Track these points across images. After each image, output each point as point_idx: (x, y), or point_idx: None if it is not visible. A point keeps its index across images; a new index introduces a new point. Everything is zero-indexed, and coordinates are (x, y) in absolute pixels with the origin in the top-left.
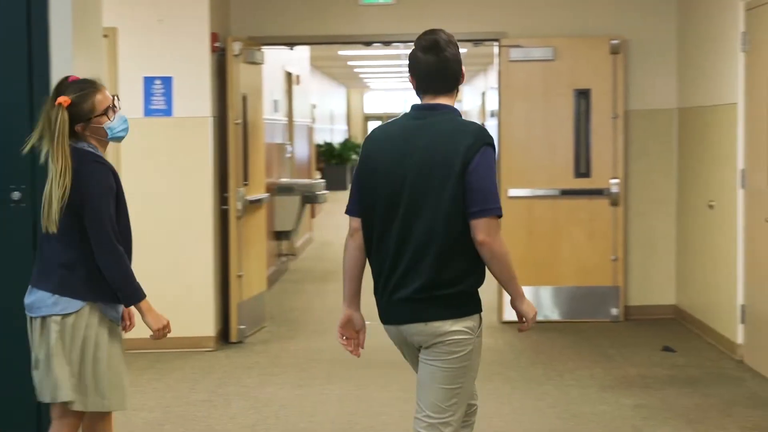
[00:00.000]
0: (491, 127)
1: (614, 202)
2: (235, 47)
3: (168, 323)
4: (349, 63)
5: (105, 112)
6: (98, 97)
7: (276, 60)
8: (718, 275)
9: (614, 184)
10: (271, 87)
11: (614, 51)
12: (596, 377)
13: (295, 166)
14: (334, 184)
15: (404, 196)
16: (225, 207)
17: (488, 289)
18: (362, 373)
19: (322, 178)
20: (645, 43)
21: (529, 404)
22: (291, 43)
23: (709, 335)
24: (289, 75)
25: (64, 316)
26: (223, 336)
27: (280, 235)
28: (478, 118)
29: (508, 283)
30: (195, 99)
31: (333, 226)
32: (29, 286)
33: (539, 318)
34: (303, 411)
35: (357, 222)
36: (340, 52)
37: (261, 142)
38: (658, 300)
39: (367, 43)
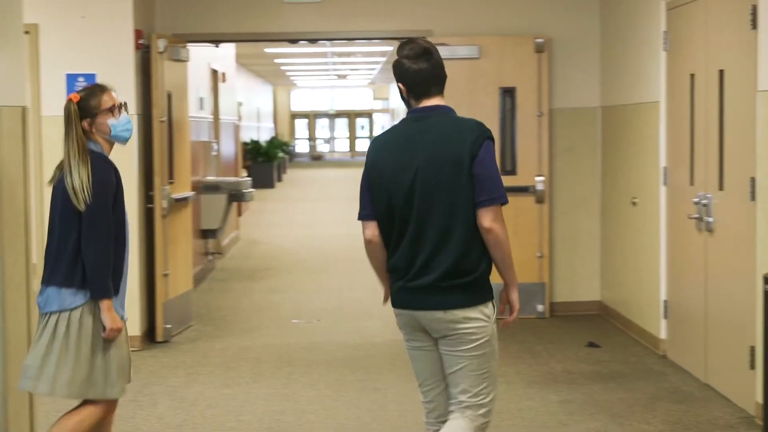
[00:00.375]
0: None
1: (539, 200)
2: (160, 44)
3: (121, 328)
4: (276, 60)
5: (110, 110)
6: (105, 96)
7: (201, 57)
8: (641, 271)
9: (539, 182)
10: (197, 84)
11: (539, 49)
12: (522, 373)
13: (221, 164)
14: (260, 183)
15: (417, 194)
16: (150, 205)
17: None
18: (289, 372)
19: (248, 176)
20: (569, 41)
21: None
22: (216, 41)
23: (633, 330)
24: (214, 72)
25: (72, 310)
26: (149, 335)
27: (206, 234)
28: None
29: (507, 269)
30: (119, 97)
31: (260, 225)
32: (41, 285)
33: None
34: (230, 410)
35: (373, 226)
36: (267, 50)
37: (186, 140)
38: (583, 296)
39: (293, 41)
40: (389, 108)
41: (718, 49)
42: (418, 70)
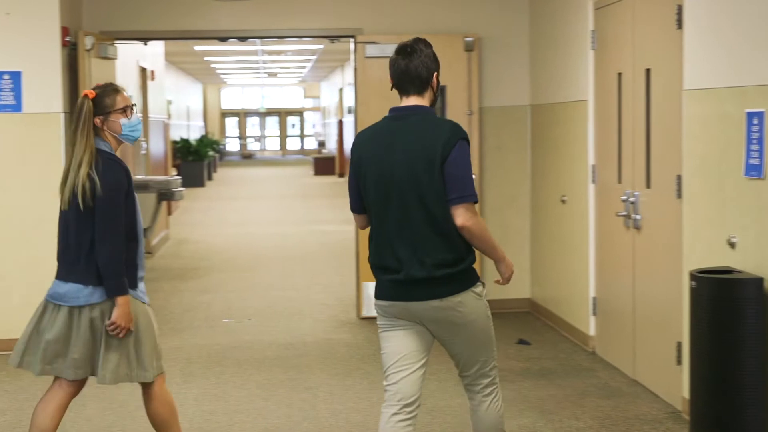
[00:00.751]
0: (349, 123)
1: None
2: (87, 42)
3: (130, 328)
4: (206, 59)
5: (123, 110)
6: (118, 96)
7: (130, 55)
8: (570, 269)
9: None
10: (125, 82)
11: (468, 48)
12: (453, 371)
13: (150, 163)
14: (191, 181)
15: (396, 190)
16: None
17: (348, 285)
18: (220, 372)
19: (178, 175)
20: (499, 40)
21: None
22: (145, 38)
23: (563, 327)
24: (143, 70)
25: (102, 303)
26: None
27: None
28: (336, 114)
29: (490, 253)
30: (45, 94)
31: (190, 224)
32: (56, 279)
33: None
34: None
35: (363, 217)
36: (196, 48)
37: None
38: (513, 294)
39: (223, 39)
40: (320, 106)
41: (644, 48)
42: (397, 67)
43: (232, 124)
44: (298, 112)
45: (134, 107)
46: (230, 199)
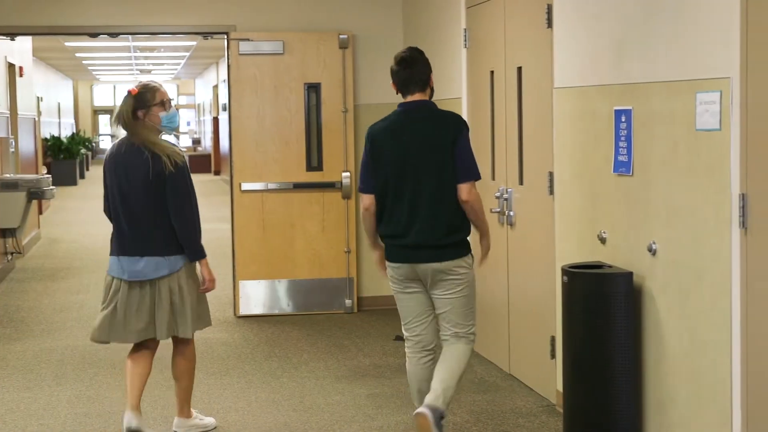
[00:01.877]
0: (224, 120)
1: (346, 195)
2: None
3: (214, 281)
4: (77, 55)
5: (162, 104)
6: (158, 92)
7: None
8: None
9: (345, 177)
10: None
11: (343, 46)
12: (331, 368)
13: (19, 161)
14: (62, 179)
15: (410, 172)
16: None
17: (224, 284)
18: (93, 373)
19: (48, 174)
20: (373, 38)
21: (265, 397)
22: (12, 33)
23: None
24: (11, 66)
25: (179, 271)
26: None
27: (4, 233)
28: (211, 112)
29: (480, 225)
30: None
31: (62, 223)
32: (128, 256)
33: (275, 311)
34: (31, 414)
35: (371, 198)
36: (67, 44)
37: None
38: (389, 290)
39: (93, 35)
40: (195, 103)
41: (516, 46)
42: (400, 75)
43: (104, 121)
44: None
45: (171, 100)
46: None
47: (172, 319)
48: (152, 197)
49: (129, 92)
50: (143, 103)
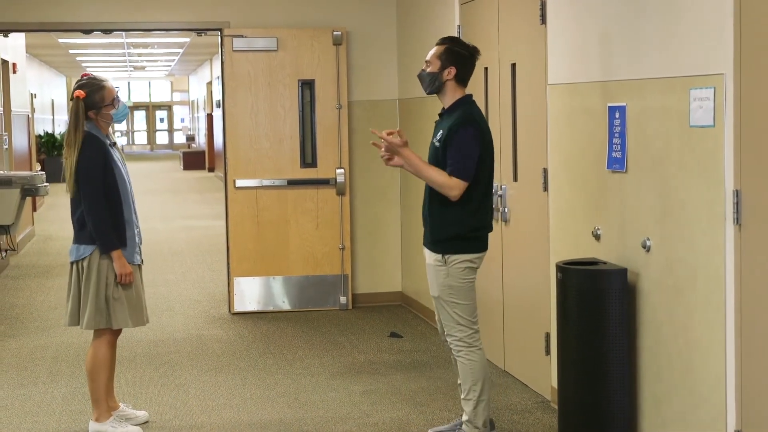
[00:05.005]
0: (218, 117)
1: (340, 192)
2: None
3: (131, 274)
4: (71, 51)
5: (112, 102)
6: (106, 91)
7: None
8: None
9: (340, 174)
10: None
11: (337, 42)
12: (326, 365)
13: (13, 158)
14: (56, 176)
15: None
16: None
17: (219, 281)
18: None
19: (42, 170)
20: (367, 34)
21: (260, 394)
22: (5, 30)
23: (434, 320)
24: (4, 63)
25: (82, 260)
26: None
27: None
28: (205, 108)
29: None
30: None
31: (56, 220)
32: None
33: (270, 308)
34: (26, 411)
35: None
36: (61, 40)
37: None
38: (384, 287)
39: (87, 31)
40: (189, 100)
41: (510, 43)
42: (473, 65)
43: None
44: (167, 106)
45: (119, 96)
46: None
47: (76, 307)
48: (75, 188)
49: (77, 96)
50: (93, 105)
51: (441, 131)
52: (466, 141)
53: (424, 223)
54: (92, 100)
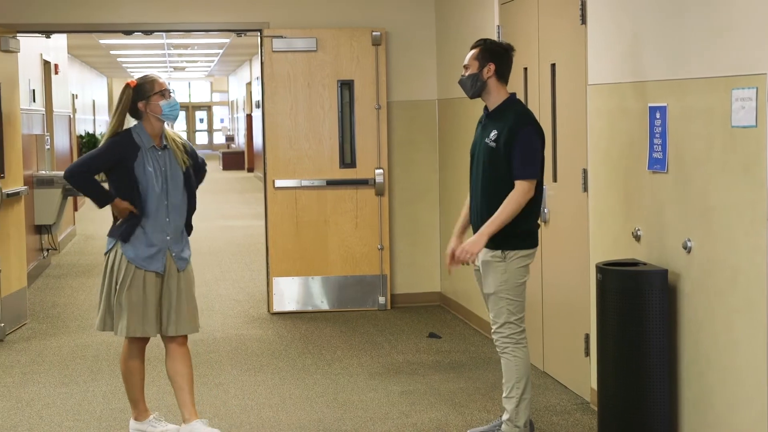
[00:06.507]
0: (257, 117)
1: (379, 192)
2: None
3: (124, 210)
4: (111, 52)
5: (162, 93)
6: (157, 82)
7: (32, 48)
8: None
9: (379, 174)
10: (28, 76)
11: (376, 42)
12: (364, 365)
13: (55, 158)
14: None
15: None
16: None
17: (258, 281)
18: None
19: None
20: (406, 34)
21: (299, 394)
22: (48, 31)
23: (473, 320)
24: (46, 64)
25: (108, 252)
26: None
27: (40, 229)
28: (244, 109)
29: None
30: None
31: (97, 219)
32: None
33: (308, 308)
34: (67, 409)
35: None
36: (101, 41)
37: (17, 133)
38: (423, 287)
39: (128, 32)
40: (228, 100)
41: (549, 43)
42: (511, 62)
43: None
44: (206, 107)
45: (172, 91)
46: None
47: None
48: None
49: (127, 84)
50: (142, 94)
51: (494, 131)
52: (529, 140)
53: (476, 222)
54: (141, 89)
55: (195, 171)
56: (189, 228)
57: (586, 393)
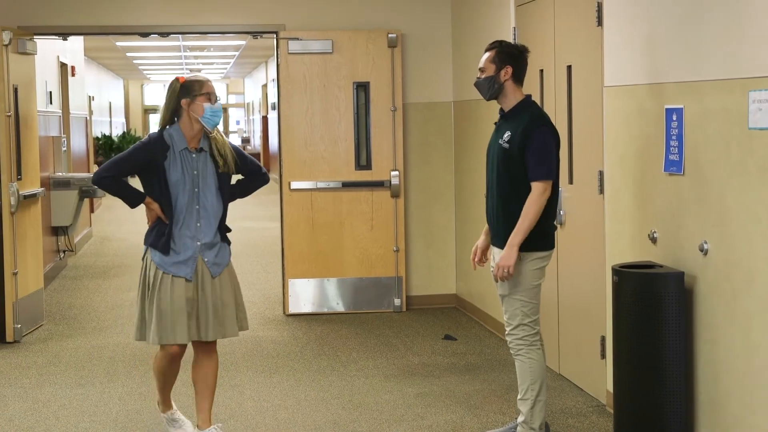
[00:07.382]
0: (273, 119)
1: (395, 194)
2: (5, 36)
3: (154, 210)
4: (128, 54)
5: (208, 96)
6: (206, 84)
7: (49, 50)
8: None
9: (394, 176)
10: (45, 78)
11: (392, 44)
12: (380, 367)
13: (72, 160)
14: None
15: None
16: None
17: (274, 283)
18: (144, 370)
19: None
20: (421, 36)
21: (314, 395)
22: (64, 33)
23: (488, 322)
24: (63, 66)
25: (143, 257)
26: None
27: (57, 231)
28: (260, 111)
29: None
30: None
31: (113, 221)
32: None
33: (324, 310)
34: (84, 410)
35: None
36: (118, 43)
37: (34, 135)
38: (439, 289)
39: (144, 34)
40: (244, 102)
41: (565, 45)
42: (525, 63)
43: (155, 120)
44: (222, 108)
45: (218, 98)
46: None
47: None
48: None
49: (176, 79)
50: (189, 92)
51: (508, 132)
52: (545, 142)
53: (493, 222)
54: (189, 87)
55: (251, 177)
56: (224, 231)
57: (602, 395)
